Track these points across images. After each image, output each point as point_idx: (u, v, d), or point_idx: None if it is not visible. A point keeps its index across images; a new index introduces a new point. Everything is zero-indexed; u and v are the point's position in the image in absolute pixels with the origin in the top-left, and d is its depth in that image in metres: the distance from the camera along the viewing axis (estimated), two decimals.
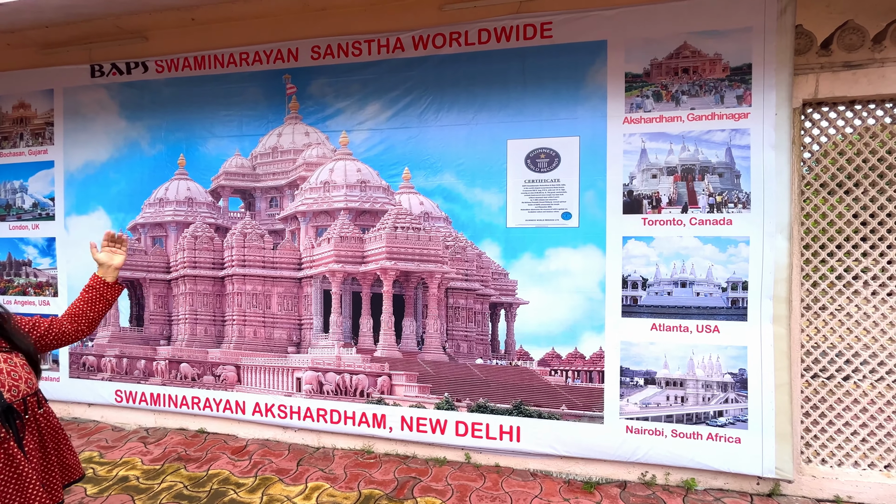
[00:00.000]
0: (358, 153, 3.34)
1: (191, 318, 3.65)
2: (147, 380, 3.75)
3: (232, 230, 3.57)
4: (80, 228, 3.89)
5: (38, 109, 3.99)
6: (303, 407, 3.42)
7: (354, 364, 3.33)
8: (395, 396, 3.26)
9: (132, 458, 3.24)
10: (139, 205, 3.74)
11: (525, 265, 3.07)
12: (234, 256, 3.54)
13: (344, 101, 3.34)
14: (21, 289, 4.06)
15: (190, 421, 3.73)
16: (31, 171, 4.01)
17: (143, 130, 3.73)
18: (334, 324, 3.38)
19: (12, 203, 4.08)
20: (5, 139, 4.10)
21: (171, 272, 3.70)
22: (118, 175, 3.79)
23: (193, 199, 3.63)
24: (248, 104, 3.52)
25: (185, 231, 3.64)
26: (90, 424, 3.87)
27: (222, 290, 3.61)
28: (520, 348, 3.10)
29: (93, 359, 3.87)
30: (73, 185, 3.90)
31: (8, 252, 4.10)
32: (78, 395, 3.93)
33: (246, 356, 3.54)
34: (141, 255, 3.75)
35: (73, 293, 3.92)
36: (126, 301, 3.80)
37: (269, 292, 3.51)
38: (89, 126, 3.86)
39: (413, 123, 3.22)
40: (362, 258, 3.33)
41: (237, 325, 3.56)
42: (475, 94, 3.13)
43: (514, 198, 3.06)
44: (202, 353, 3.63)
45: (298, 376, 3.43)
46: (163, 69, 3.67)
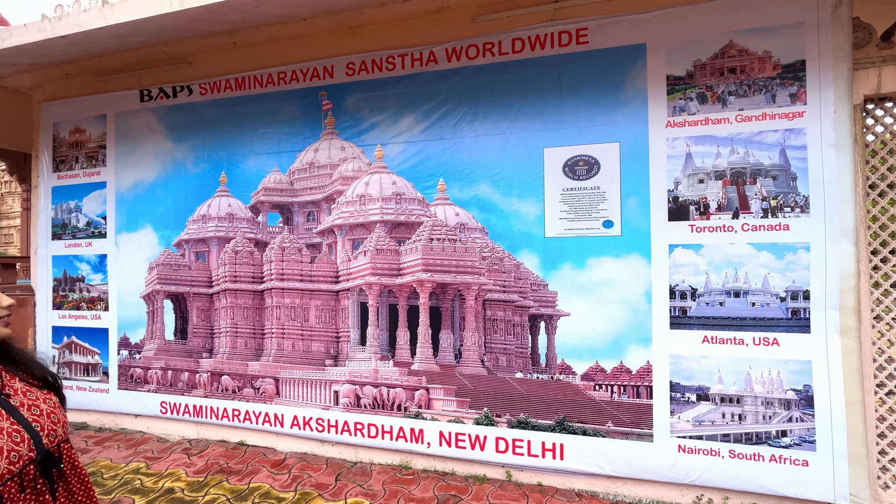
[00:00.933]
0: (393, 166, 3.36)
1: (231, 331, 3.73)
2: (190, 392, 3.84)
3: (271, 244, 3.64)
4: (129, 245, 4.07)
5: (92, 134, 4.23)
6: (340, 420, 3.41)
7: (391, 377, 3.30)
8: (432, 411, 3.21)
9: (177, 470, 3.30)
10: (184, 221, 3.88)
11: (565, 275, 2.98)
12: (273, 270, 3.61)
13: (379, 115, 3.38)
14: (75, 303, 4.27)
15: (230, 433, 3.79)
16: (86, 191, 4.24)
17: (187, 150, 3.89)
18: (371, 336, 3.37)
19: (68, 222, 4.31)
20: (62, 162, 4.36)
21: (213, 286, 3.80)
22: (165, 193, 3.95)
23: (234, 215, 3.74)
24: (286, 121, 3.62)
25: (227, 246, 3.74)
26: (137, 435, 3.98)
27: (262, 303, 3.67)
28: (561, 362, 2.99)
29: (140, 371, 4.01)
30: (123, 204, 4.09)
31: (64, 269, 4.33)
32: (126, 407, 4.06)
33: (284, 369, 3.58)
34: (185, 270, 3.87)
35: (123, 308, 4.09)
36: (171, 315, 3.92)
37: (307, 305, 3.54)
38: (138, 148, 4.05)
39: (447, 135, 3.22)
40: (398, 271, 3.33)
41: (276, 338, 3.61)
42: (510, 103, 3.10)
43: (552, 207, 3.00)
44: (242, 366, 3.69)
45: (336, 389, 3.43)
46: (206, 91, 3.82)
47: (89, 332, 4.21)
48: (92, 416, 4.25)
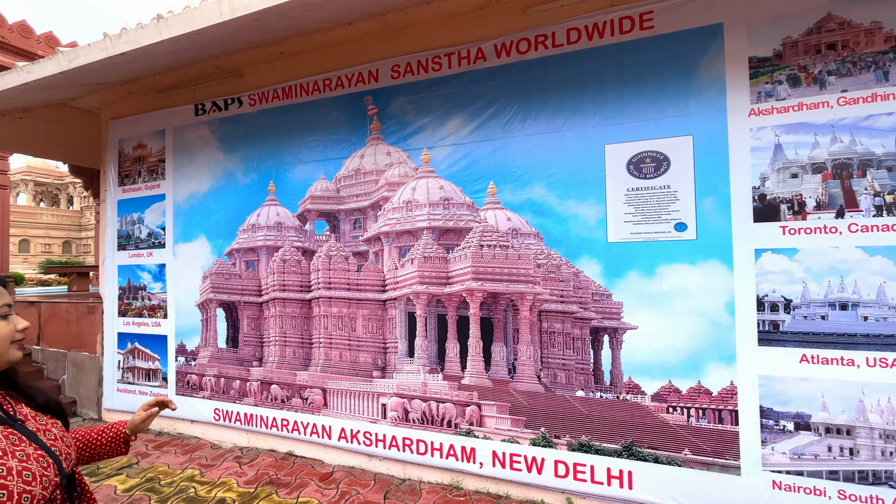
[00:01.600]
0: (440, 170, 3.22)
1: (280, 340, 3.73)
2: (241, 400, 3.87)
3: (318, 253, 3.61)
4: (185, 255, 4.19)
5: (153, 148, 4.42)
6: (388, 435, 3.29)
7: (441, 391, 3.14)
8: (485, 429, 3.01)
9: (228, 479, 3.30)
10: (235, 231, 3.94)
11: (631, 285, 2.70)
12: (320, 279, 3.57)
13: (425, 117, 3.26)
14: (137, 311, 4.46)
15: (279, 443, 3.77)
16: (147, 203, 4.43)
17: (238, 161, 3.96)
18: (419, 348, 3.23)
19: (132, 233, 4.52)
20: (126, 177, 4.59)
21: (262, 295, 3.82)
22: (217, 204, 4.04)
23: (282, 224, 3.74)
24: (332, 128, 3.58)
25: (275, 255, 3.75)
26: (192, 441, 4.07)
27: (310, 312, 3.64)
28: (628, 380, 2.70)
29: (195, 377, 4.10)
30: (180, 215, 4.23)
31: (128, 278, 4.54)
32: (182, 412, 4.17)
33: (332, 379, 3.51)
34: (236, 279, 3.93)
35: (181, 315, 4.21)
36: (224, 323, 3.99)
37: (354, 315, 3.46)
38: (194, 160, 4.18)
39: (497, 135, 3.04)
40: (447, 279, 3.17)
41: (323, 348, 3.56)
42: (565, 98, 2.87)
43: (615, 209, 2.73)
44: (291, 376, 3.67)
45: (383, 402, 3.32)
46: (255, 102, 3.87)
47: (150, 338, 4.37)
48: None
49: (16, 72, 3.20)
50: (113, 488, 3.21)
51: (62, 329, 5.12)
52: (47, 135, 5.12)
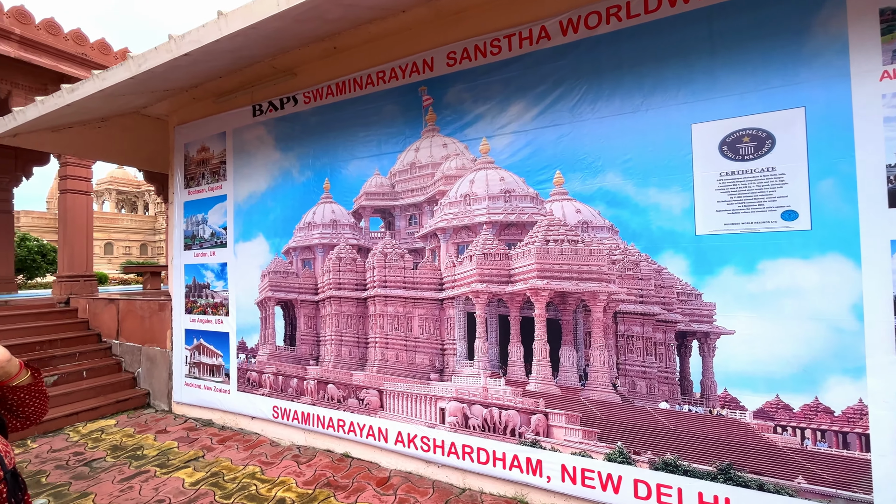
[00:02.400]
0: (501, 160, 3.01)
1: (336, 339, 3.68)
2: (299, 398, 3.87)
3: (373, 250, 3.52)
4: (245, 254, 4.27)
5: (215, 151, 4.56)
6: (447, 441, 3.13)
7: (503, 398, 2.93)
8: (552, 440, 2.76)
9: (287, 479, 3.28)
10: (291, 229, 3.95)
11: (726, 283, 2.35)
12: (376, 277, 3.47)
13: (483, 105, 3.06)
14: (202, 308, 4.62)
15: (336, 443, 3.72)
16: (210, 204, 4.58)
17: (293, 159, 3.96)
18: (479, 350, 3.04)
19: (196, 234, 4.69)
20: (192, 179, 4.77)
21: (318, 293, 3.80)
22: (274, 203, 4.07)
23: (337, 222, 3.69)
24: (386, 122, 3.47)
25: (331, 253, 3.71)
26: (253, 437, 4.13)
27: (365, 311, 3.56)
28: (723, 392, 2.35)
29: (255, 374, 4.16)
30: (240, 214, 4.32)
31: (193, 276, 4.72)
32: (243, 408, 4.25)
33: (388, 381, 3.40)
34: (293, 278, 3.93)
35: (242, 313, 4.29)
36: (282, 321, 4.01)
37: (411, 314, 3.34)
38: (252, 160, 4.25)
39: (564, 119, 2.78)
40: (509, 277, 2.95)
41: (379, 348, 3.46)
42: (643, 74, 2.57)
43: (705, 196, 2.39)
44: (347, 376, 3.61)
45: (442, 406, 3.16)
46: (309, 100, 3.86)
47: (214, 335, 4.50)
48: (216, 414, 4.53)
49: (92, 80, 3.37)
50: (181, 481, 3.29)
51: (137, 325, 5.44)
52: (123, 142, 5.46)
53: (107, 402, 4.87)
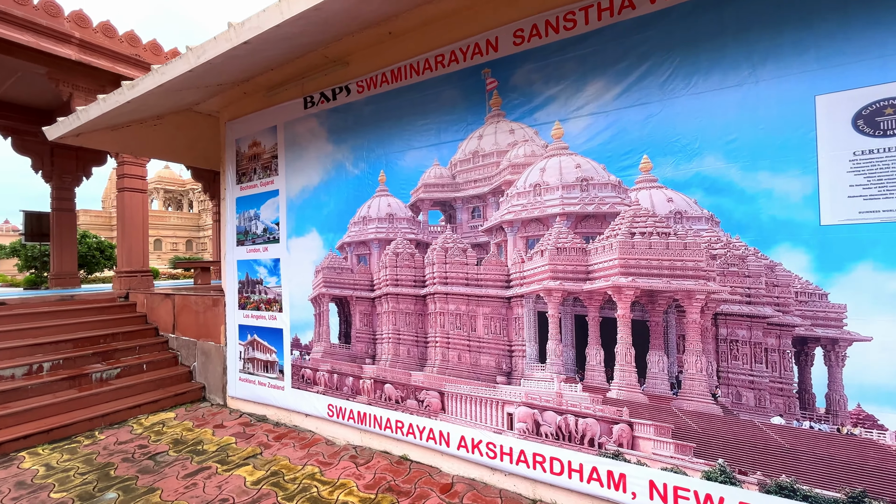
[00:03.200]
0: (576, 146, 2.74)
1: (394, 337, 3.54)
2: (355, 397, 3.77)
3: (432, 245, 3.34)
4: (298, 249, 4.20)
5: (266, 145, 4.51)
6: (515, 448, 2.92)
7: (580, 404, 2.69)
8: (638, 452, 2.50)
9: (348, 481, 3.18)
10: (346, 224, 3.83)
11: (860, 281, 2.01)
12: (436, 273, 3.30)
13: (555, 85, 2.80)
14: (255, 304, 4.61)
15: (393, 445, 3.60)
16: (262, 200, 4.54)
17: (347, 152, 3.84)
18: (552, 353, 2.81)
19: (249, 229, 4.68)
20: (244, 175, 4.76)
21: (374, 290, 3.67)
22: (328, 197, 3.97)
23: (394, 216, 3.54)
24: (445, 109, 3.27)
25: (387, 248, 3.56)
26: (307, 434, 4.08)
27: (424, 309, 3.40)
28: (856, 408, 2.02)
29: (309, 372, 4.10)
30: (293, 209, 4.25)
31: (246, 272, 4.72)
32: (298, 405, 4.21)
33: (450, 382, 3.23)
34: (348, 274, 3.82)
35: (295, 310, 4.24)
36: (336, 318, 3.92)
37: (474, 313, 3.14)
38: (304, 154, 4.16)
39: (652, 97, 2.48)
40: (586, 274, 2.70)
41: (440, 348, 3.29)
42: (751, 42, 2.23)
43: (833, 180, 2.05)
44: (405, 376, 3.46)
45: (509, 412, 2.96)
46: (363, 89, 3.71)
47: (267, 331, 4.48)
48: (270, 410, 4.53)
49: (152, 75, 3.35)
50: (242, 479, 3.26)
51: (192, 319, 5.53)
52: (177, 140, 5.54)
53: (166, 395, 4.98)
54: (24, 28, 5.54)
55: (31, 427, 4.03)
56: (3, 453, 3.80)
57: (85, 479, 3.35)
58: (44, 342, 5.06)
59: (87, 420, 4.31)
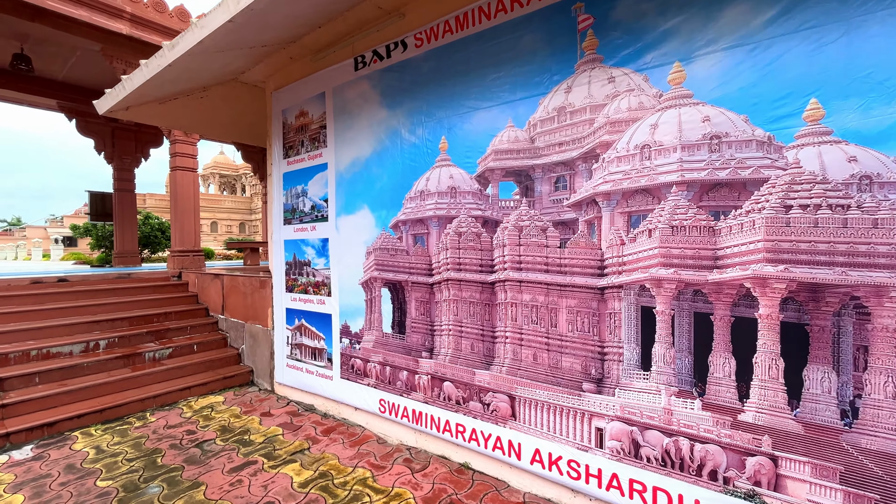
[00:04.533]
0: (704, 93, 2.10)
1: (455, 329, 3.08)
2: (409, 394, 3.37)
3: (503, 223, 2.82)
4: (348, 228, 3.82)
5: (314, 115, 4.13)
6: (605, 471, 2.40)
7: (698, 426, 2.11)
8: (784, 496, 1.90)
9: (403, 491, 2.80)
10: (400, 199, 3.39)
11: None
12: (507, 257, 2.78)
13: (676, 15, 2.15)
14: (303, 287, 4.31)
15: (452, 450, 3.18)
16: (310, 175, 4.19)
17: (402, 117, 3.36)
18: (660, 359, 2.24)
19: (296, 207, 4.36)
20: (291, 148, 4.43)
21: (433, 275, 3.22)
22: (380, 170, 3.53)
23: (457, 189, 3.04)
24: (523, 58, 2.70)
25: (448, 227, 3.09)
26: (357, 430, 3.76)
27: (492, 298, 2.90)
28: None
29: (359, 362, 3.75)
30: (342, 184, 3.86)
31: (293, 253, 4.42)
32: (346, 397, 3.89)
33: (522, 385, 2.74)
34: (402, 256, 3.39)
35: (345, 294, 3.88)
36: (389, 304, 3.52)
37: (555, 305, 2.61)
38: (354, 122, 3.74)
39: (829, 16, 1.79)
40: (713, 259, 2.08)
41: (511, 345, 2.80)
42: None
43: None
44: (468, 374, 3.01)
45: (599, 426, 2.42)
46: (421, 42, 3.20)
47: (315, 316, 4.18)
48: (318, 399, 4.25)
49: (191, 30, 3.02)
50: (289, 479, 2.96)
51: (240, 301, 5.38)
52: (223, 114, 5.33)
53: (215, 377, 4.85)
54: (78, 3, 5.48)
55: (85, 406, 3.98)
56: (58, 432, 3.76)
57: (132, 466, 3.19)
58: (101, 319, 5.08)
59: (139, 401, 4.23)
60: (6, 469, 3.18)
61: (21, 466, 3.21)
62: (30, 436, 3.63)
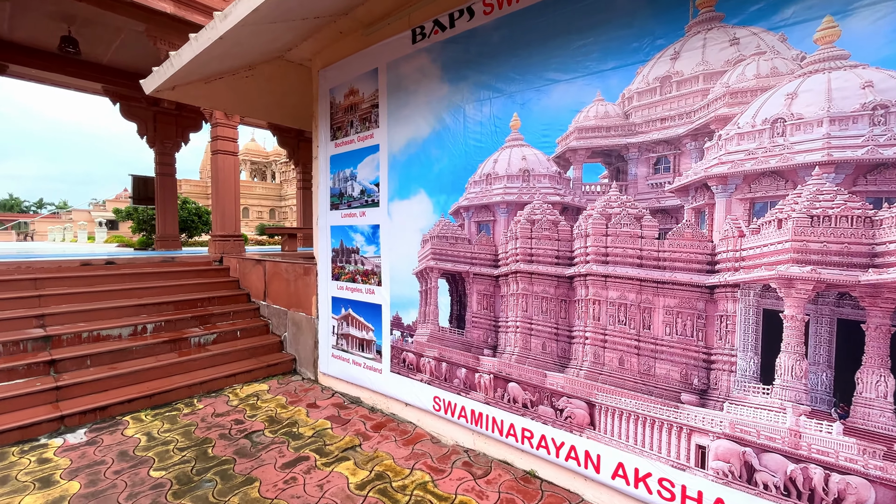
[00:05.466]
0: (864, 53, 1.72)
1: (524, 326, 2.81)
2: (468, 393, 3.14)
3: (587, 210, 2.51)
4: (401, 214, 3.59)
5: (365, 93, 3.89)
6: (708, 495, 2.10)
7: (838, 453, 1.78)
8: None
9: (468, 500, 2.58)
10: (463, 184, 3.12)
11: None
12: (590, 248, 2.48)
13: None
14: (351, 276, 4.13)
15: (516, 456, 2.94)
16: (360, 157, 3.97)
17: (467, 92, 3.07)
18: (787, 371, 1.91)
19: (344, 191, 4.16)
20: (339, 129, 4.21)
21: (499, 266, 2.95)
22: (440, 151, 3.26)
23: (530, 171, 2.74)
24: (618, 21, 2.35)
25: (520, 213, 2.80)
26: (409, 427, 3.57)
27: (569, 294, 2.61)
28: None
29: (412, 356, 3.54)
30: (395, 167, 3.62)
31: (340, 240, 4.24)
32: (397, 392, 3.70)
33: (604, 392, 2.45)
34: (464, 245, 3.13)
35: (397, 284, 3.67)
36: (446, 297, 3.28)
37: (650, 304, 2.30)
38: (411, 99, 3.47)
39: None
40: (869, 256, 1.73)
41: (591, 346, 2.51)
42: None
43: None
44: (538, 375, 2.74)
45: (701, 443, 2.12)
46: (491, 8, 2.88)
47: (364, 306, 4.00)
48: (365, 392, 4.09)
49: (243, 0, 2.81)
50: (345, 480, 2.80)
51: (283, 288, 5.27)
52: (267, 94, 5.17)
53: (259, 364, 4.77)
54: None
55: (135, 391, 3.94)
56: (110, 416, 3.73)
57: (183, 456, 3.10)
58: (147, 303, 5.06)
59: (186, 387, 4.18)
60: (62, 453, 3.15)
61: (76, 451, 3.17)
62: (83, 419, 3.60)
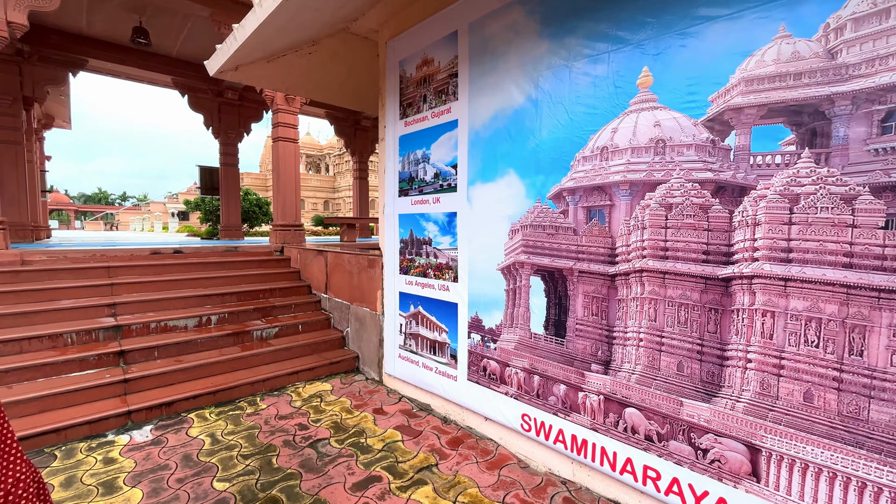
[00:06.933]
0: None
1: (651, 339, 2.23)
2: (568, 414, 2.61)
3: (757, 190, 1.87)
4: (484, 200, 3.08)
5: (441, 62, 3.40)
6: None
7: None
8: None
9: None
10: (567, 161, 2.55)
11: None
12: (760, 241, 1.84)
13: None
14: (421, 269, 3.70)
15: (633, 497, 2.38)
16: (434, 136, 3.50)
17: (574, 46, 2.49)
18: None
19: (415, 175, 3.72)
20: (409, 106, 3.77)
21: (616, 262, 2.37)
22: (536, 122, 2.71)
23: (667, 141, 2.13)
24: None
25: (649, 196, 2.20)
26: (490, 446, 3.10)
27: (721, 301, 1.99)
28: None
29: (495, 365, 3.06)
30: (477, 145, 3.11)
31: (410, 229, 3.82)
32: (475, 404, 3.24)
33: (778, 434, 1.82)
34: (567, 236, 2.58)
35: (475, 281, 3.18)
36: (541, 298, 2.74)
37: (864, 321, 1.64)
38: (498, 65, 2.94)
39: None
40: None
41: (755, 371, 1.88)
42: None
43: None
44: (670, 403, 2.15)
45: None
46: None
47: (436, 303, 3.56)
48: (436, 400, 3.67)
49: None
50: None
51: (345, 280, 4.97)
52: (331, 74, 4.84)
53: (321, 362, 4.51)
54: None
55: (199, 386, 3.78)
56: (175, 412, 3.58)
57: (247, 465, 2.83)
58: (211, 293, 4.96)
59: (249, 384, 3.97)
60: (128, 453, 2.99)
61: (141, 452, 3.01)
62: (149, 415, 3.47)
